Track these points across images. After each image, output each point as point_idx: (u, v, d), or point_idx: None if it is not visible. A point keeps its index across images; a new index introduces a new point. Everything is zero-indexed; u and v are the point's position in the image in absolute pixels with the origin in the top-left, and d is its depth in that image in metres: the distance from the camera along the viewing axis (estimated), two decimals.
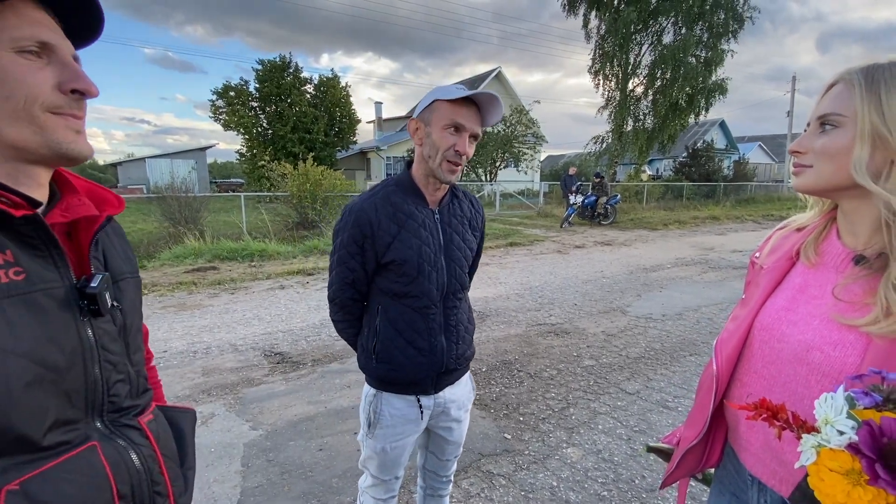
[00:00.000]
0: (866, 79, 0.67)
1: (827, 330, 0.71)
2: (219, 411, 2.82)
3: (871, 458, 0.47)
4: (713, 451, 0.94)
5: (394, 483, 1.37)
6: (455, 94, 1.10)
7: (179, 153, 28.38)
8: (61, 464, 0.56)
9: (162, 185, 10.30)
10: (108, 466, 0.61)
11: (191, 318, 4.58)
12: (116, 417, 0.65)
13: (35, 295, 0.56)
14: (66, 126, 0.59)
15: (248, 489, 2.14)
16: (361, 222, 1.18)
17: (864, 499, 0.46)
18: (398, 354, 1.23)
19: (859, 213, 0.72)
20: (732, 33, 15.91)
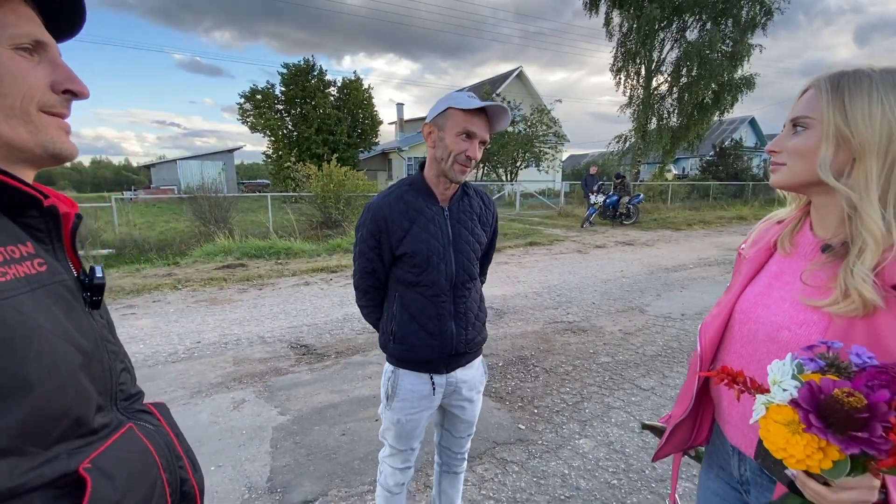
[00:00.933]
0: (832, 85, 0.75)
1: (795, 312, 0.79)
2: (249, 398, 3.00)
3: (807, 410, 0.56)
4: (702, 429, 1.02)
5: (409, 454, 1.49)
6: (469, 105, 1.21)
7: (208, 155, 29.31)
8: (114, 443, 0.59)
9: (193, 185, 10.74)
10: (148, 442, 0.64)
11: (222, 312, 4.82)
12: (127, 405, 0.67)
13: (56, 286, 0.57)
14: (58, 126, 0.59)
15: (277, 468, 2.29)
16: (377, 218, 1.32)
17: (800, 444, 0.55)
18: (412, 337, 1.36)
19: (828, 207, 0.79)
20: (761, 27, 15.48)
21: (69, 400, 0.53)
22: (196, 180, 11.23)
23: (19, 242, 0.54)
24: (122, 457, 0.58)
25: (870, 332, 0.69)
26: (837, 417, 0.53)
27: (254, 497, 2.09)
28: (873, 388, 0.54)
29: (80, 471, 0.52)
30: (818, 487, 0.60)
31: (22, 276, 0.52)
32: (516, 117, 19.42)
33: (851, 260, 0.72)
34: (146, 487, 0.60)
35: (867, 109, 0.71)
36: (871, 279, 0.69)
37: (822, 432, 0.54)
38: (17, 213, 0.56)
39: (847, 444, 0.52)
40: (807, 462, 0.54)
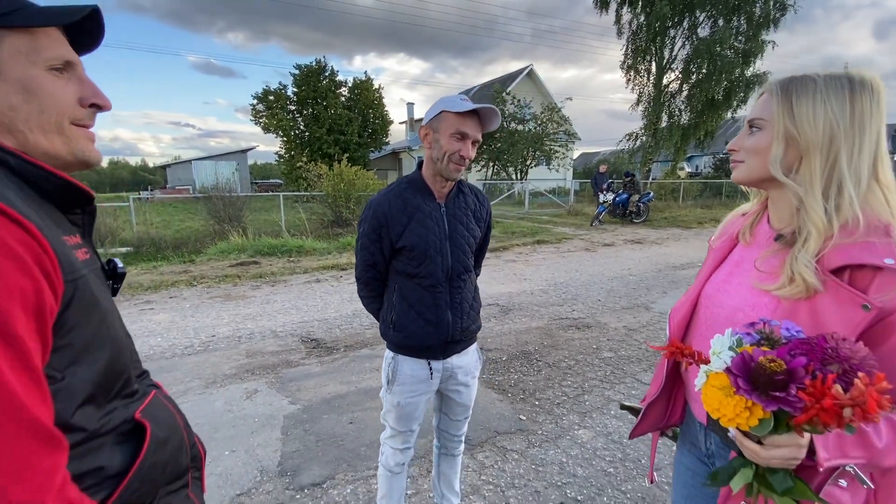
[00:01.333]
0: (782, 89, 0.82)
1: (750, 295, 0.87)
2: (261, 388, 3.14)
3: (737, 375, 0.64)
4: (675, 409, 1.10)
5: (409, 435, 1.59)
6: (461, 108, 1.30)
7: (222, 155, 29.82)
8: (151, 401, 0.71)
9: (208, 185, 10.99)
10: (170, 406, 0.77)
11: (235, 308, 4.98)
12: (143, 379, 0.77)
13: (98, 272, 0.68)
14: (85, 136, 0.67)
15: (287, 453, 2.41)
16: (378, 214, 1.42)
17: (730, 404, 0.64)
18: (411, 325, 1.46)
19: (782, 200, 0.87)
20: (773, 22, 15.26)
21: (125, 362, 0.66)
22: (210, 180, 11.50)
23: (73, 233, 0.65)
24: (159, 411, 0.72)
25: (812, 313, 0.77)
26: (762, 381, 0.61)
27: (265, 479, 2.21)
28: (794, 356, 0.62)
29: (136, 417, 0.66)
30: (753, 446, 0.68)
31: (84, 261, 0.63)
32: (526, 116, 19.42)
33: (797, 248, 0.80)
34: (178, 439, 0.73)
35: (812, 112, 0.78)
36: (813, 265, 0.77)
37: (748, 393, 0.62)
38: (68, 209, 0.66)
39: (767, 403, 0.60)
40: (736, 420, 0.63)
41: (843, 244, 0.76)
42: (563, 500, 2.06)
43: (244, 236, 8.53)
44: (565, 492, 2.11)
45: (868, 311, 0.71)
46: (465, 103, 1.31)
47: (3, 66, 0.58)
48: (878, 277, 0.72)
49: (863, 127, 0.78)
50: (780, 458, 0.67)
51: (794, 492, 0.68)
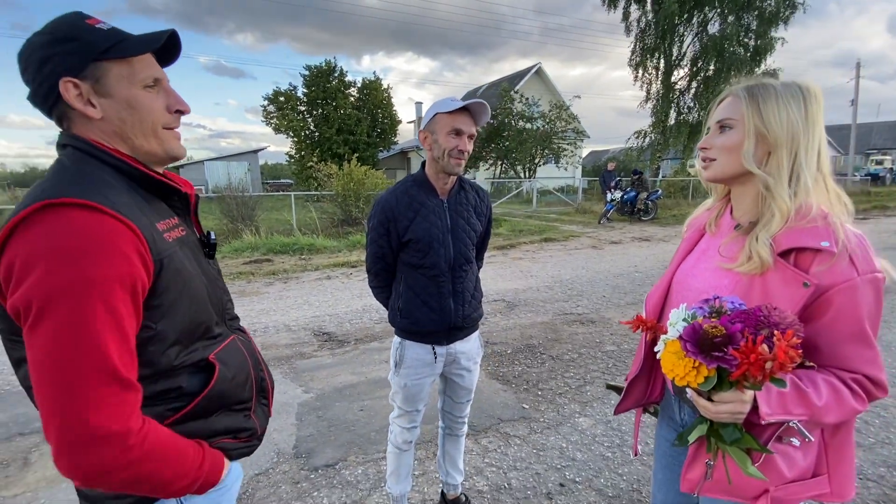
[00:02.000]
0: (748, 93, 0.93)
1: (713, 278, 0.98)
2: (276, 378, 3.29)
3: (686, 341, 0.76)
4: (656, 386, 1.21)
5: (416, 415, 1.72)
6: (452, 107, 1.43)
7: (234, 156, 30.24)
8: (226, 346, 0.90)
9: (221, 185, 11.24)
10: (244, 349, 0.96)
11: (250, 303, 5.16)
12: (232, 323, 0.99)
13: (192, 244, 0.88)
14: (174, 136, 0.86)
15: (302, 437, 2.56)
16: (386, 210, 1.56)
17: (681, 365, 0.76)
18: (416, 312, 1.59)
19: (745, 193, 0.98)
20: (784, 20, 15.13)
21: (203, 314, 0.85)
22: (223, 180, 11.75)
23: (170, 217, 0.84)
24: (231, 354, 0.91)
25: (763, 287, 0.88)
26: (705, 344, 0.73)
27: (282, 461, 2.36)
28: (733, 322, 0.74)
29: (210, 358, 0.85)
30: (705, 402, 0.80)
31: (175, 239, 0.81)
32: (534, 114, 19.44)
33: (758, 230, 0.91)
34: (244, 376, 0.93)
35: (777, 112, 0.89)
36: (770, 243, 0.88)
37: (694, 355, 0.74)
38: (167, 198, 0.87)
39: (710, 361, 0.72)
40: (686, 378, 0.75)
41: (792, 229, 0.87)
42: (562, 482, 2.17)
43: (257, 235, 8.74)
44: (564, 474, 2.23)
45: (807, 287, 0.82)
46: (455, 103, 1.43)
47: (112, 89, 0.76)
48: (817, 258, 0.84)
49: (814, 127, 0.90)
50: (726, 411, 0.79)
51: (741, 442, 0.80)
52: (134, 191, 0.79)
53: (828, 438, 0.93)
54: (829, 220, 0.87)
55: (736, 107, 0.94)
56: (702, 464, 0.96)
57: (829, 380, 0.84)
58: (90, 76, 0.74)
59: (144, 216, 0.75)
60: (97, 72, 0.75)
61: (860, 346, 0.84)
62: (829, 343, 0.84)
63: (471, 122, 1.48)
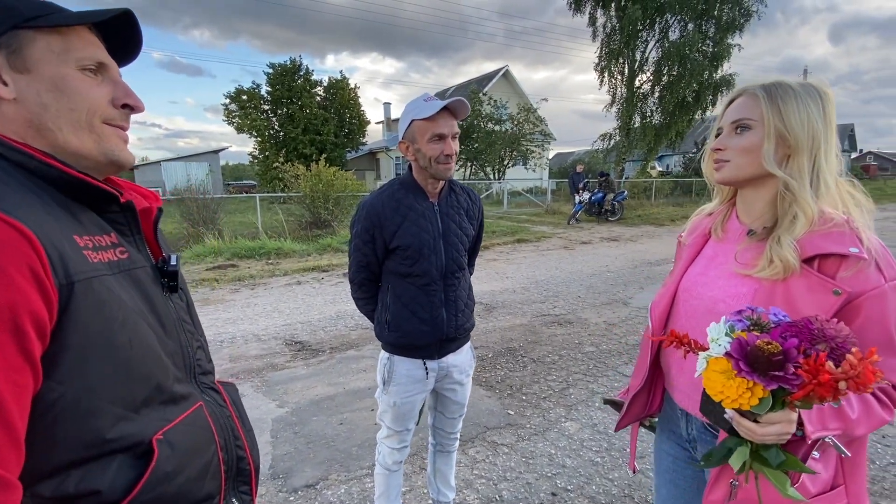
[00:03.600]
0: (767, 92, 0.89)
1: (729, 286, 0.94)
2: (247, 392, 3.10)
3: (737, 359, 0.70)
4: (655, 399, 1.16)
5: (405, 434, 1.61)
6: (427, 113, 1.32)
7: (193, 156, 28.99)
8: (186, 419, 0.67)
9: (180, 187, 10.67)
10: (212, 422, 0.72)
11: (215, 312, 4.88)
12: (203, 379, 0.75)
13: (137, 272, 0.66)
14: (117, 136, 0.67)
15: (278, 456, 2.40)
16: (371, 215, 1.44)
17: (733, 386, 0.69)
18: (406, 324, 1.48)
19: (757, 196, 0.94)
20: (738, 28, 15.90)
21: (149, 367, 0.62)
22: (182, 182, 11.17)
23: (104, 233, 0.64)
24: (189, 432, 0.67)
25: (786, 294, 0.84)
26: (760, 362, 0.67)
27: (258, 483, 2.19)
28: (786, 338, 0.68)
29: (152, 441, 0.61)
30: (750, 424, 0.74)
31: (105, 262, 0.61)
32: (503, 116, 19.60)
33: (779, 233, 0.87)
34: (203, 462, 0.69)
35: (797, 114, 0.86)
36: (795, 246, 0.84)
37: (749, 374, 0.68)
38: (102, 209, 0.66)
39: (768, 382, 0.66)
40: (739, 401, 0.68)
41: (814, 233, 0.84)
42: (553, 491, 2.12)
43: (220, 239, 8.34)
44: (555, 482, 2.17)
45: (838, 295, 0.79)
46: (431, 104, 1.33)
47: (35, 64, 0.60)
48: (843, 264, 0.80)
49: (831, 128, 0.88)
50: (774, 433, 0.73)
51: (786, 464, 0.74)
52: (44, 194, 0.58)
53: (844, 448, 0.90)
54: (853, 225, 0.84)
55: (754, 107, 0.90)
56: (725, 484, 0.91)
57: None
58: (4, 44, 0.58)
59: (54, 223, 0.56)
60: (16, 41, 0.59)
61: (888, 355, 0.81)
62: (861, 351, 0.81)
63: (451, 120, 1.37)
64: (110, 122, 0.66)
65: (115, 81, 0.67)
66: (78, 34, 0.63)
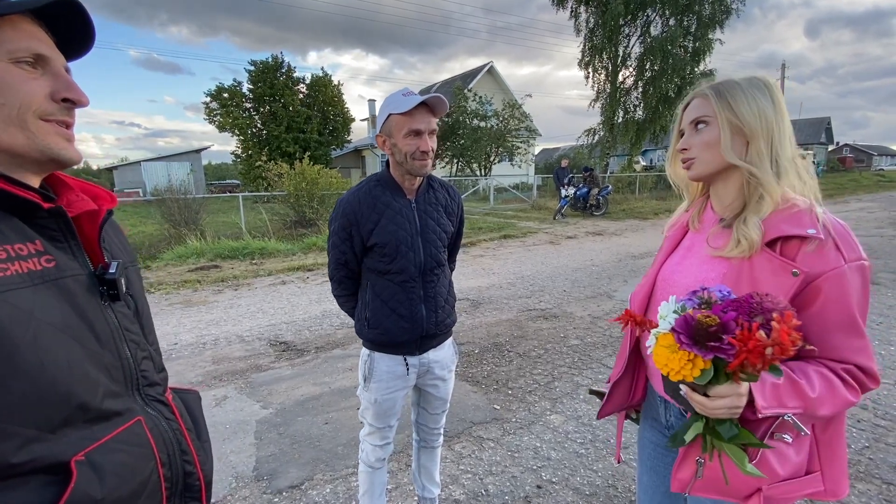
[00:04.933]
0: (715, 91, 0.94)
1: (701, 272, 0.97)
2: (231, 394, 3.06)
3: (679, 332, 0.72)
4: (638, 388, 1.18)
5: (388, 431, 1.61)
6: (404, 107, 1.30)
7: (174, 156, 28.41)
8: (116, 436, 0.63)
9: (161, 187, 10.47)
10: (151, 438, 0.68)
11: (198, 314, 4.80)
12: (149, 391, 0.72)
13: (66, 281, 0.62)
14: (56, 132, 0.62)
15: (263, 458, 2.37)
16: (347, 213, 1.43)
17: (675, 358, 0.72)
18: (385, 321, 1.47)
19: (725, 187, 0.97)
20: (719, 23, 16.13)
21: (69, 386, 0.57)
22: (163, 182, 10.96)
23: (28, 241, 0.59)
24: (118, 450, 0.62)
25: (751, 276, 0.87)
26: (700, 335, 0.70)
27: (241, 485, 2.17)
28: (726, 311, 0.72)
29: (71, 463, 0.56)
30: (700, 398, 0.77)
31: (25, 272, 0.57)
32: (488, 112, 19.61)
33: (747, 214, 0.91)
34: (137, 482, 0.64)
35: (747, 105, 0.90)
36: (760, 225, 0.88)
37: (689, 346, 0.71)
38: (29, 215, 0.61)
39: (706, 352, 0.69)
40: (682, 372, 0.71)
41: (776, 215, 0.87)
42: (539, 483, 2.13)
43: (202, 240, 8.20)
44: (541, 475, 2.19)
45: (797, 276, 0.81)
46: (409, 99, 1.31)
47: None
48: (803, 246, 0.83)
49: (782, 114, 0.92)
50: (724, 406, 0.76)
51: (739, 437, 0.78)
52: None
53: (819, 434, 0.92)
54: (811, 207, 0.87)
55: (706, 105, 0.94)
56: (692, 462, 0.93)
57: (821, 371, 0.83)
58: None
59: None
60: None
61: (850, 336, 0.83)
62: (819, 333, 0.83)
63: (429, 116, 1.36)
64: (47, 117, 0.61)
65: (57, 75, 0.63)
66: (12, 25, 0.59)
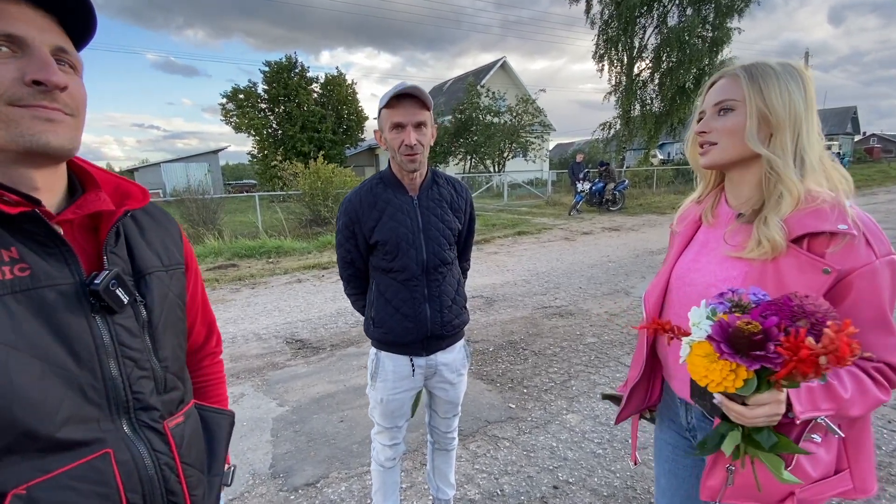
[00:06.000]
0: (748, 73, 0.88)
1: (720, 270, 0.92)
2: (248, 391, 3.09)
3: (718, 341, 0.68)
4: (654, 390, 1.15)
5: (396, 431, 1.60)
6: (385, 100, 1.30)
7: (193, 157, 28.99)
8: (70, 471, 0.55)
9: (180, 188, 10.68)
10: (118, 476, 0.59)
11: (216, 311, 4.81)
12: (141, 416, 0.64)
13: (41, 291, 0.56)
14: (33, 116, 0.55)
15: (279, 455, 2.39)
16: (349, 211, 1.43)
17: (716, 369, 0.68)
18: (389, 320, 1.46)
19: (743, 179, 0.93)
20: (738, 12, 15.68)
21: (13, 412, 0.51)
22: (182, 183, 11.17)
23: (2, 248, 0.55)
24: (67, 487, 0.55)
25: (777, 275, 0.83)
26: (742, 343, 0.66)
27: (258, 482, 2.19)
28: (766, 316, 0.67)
29: (7, 495, 0.51)
30: (739, 408, 0.73)
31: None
32: (501, 108, 19.46)
33: (767, 213, 0.86)
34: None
35: (779, 93, 0.85)
36: (782, 225, 0.83)
37: (731, 356, 0.66)
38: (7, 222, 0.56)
39: (751, 362, 0.65)
40: (724, 384, 0.67)
41: (801, 212, 0.82)
42: (555, 484, 2.10)
43: (220, 239, 8.34)
44: (557, 475, 2.16)
45: (828, 274, 0.77)
46: (389, 91, 1.30)
47: None
48: (832, 242, 0.79)
49: (812, 108, 0.87)
50: (764, 415, 0.72)
51: (778, 446, 0.73)
52: None
53: (846, 431, 0.88)
54: (838, 202, 0.82)
55: (735, 88, 0.89)
56: (722, 469, 0.89)
57: (852, 370, 0.80)
58: None
59: None
60: None
61: (882, 333, 0.80)
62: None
63: (413, 108, 1.30)
64: (18, 102, 0.54)
65: (31, 57, 0.55)
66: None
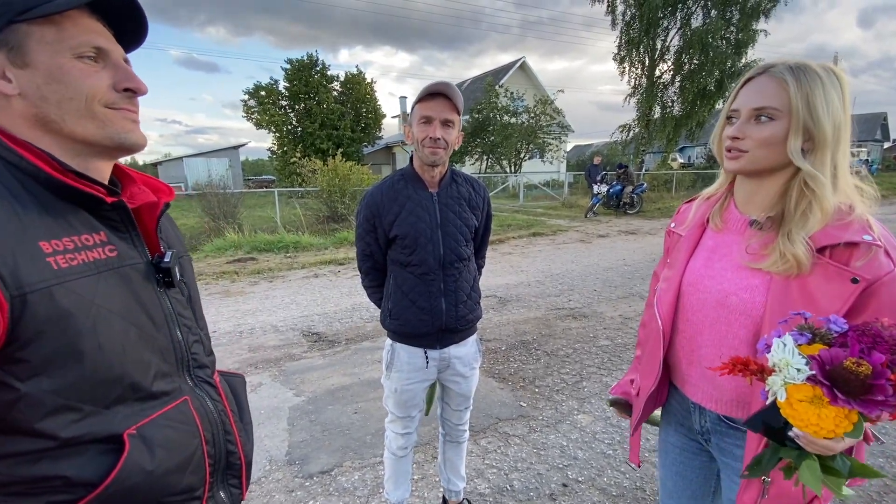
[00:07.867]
0: (797, 79, 0.81)
1: (739, 279, 0.92)
2: (265, 381, 3.18)
3: (828, 385, 0.61)
4: (661, 394, 1.14)
5: (409, 421, 1.65)
6: (420, 95, 1.38)
7: (214, 152, 29.53)
8: (164, 413, 0.68)
9: (201, 183, 10.94)
10: (197, 417, 0.73)
11: (235, 304, 5.00)
12: (198, 373, 0.77)
13: (126, 269, 0.67)
14: (124, 117, 0.67)
15: (295, 443, 2.47)
16: (371, 205, 1.49)
17: (828, 416, 0.61)
18: (406, 312, 1.51)
19: (762, 187, 0.91)
20: (764, 13, 15.33)
21: (124, 368, 0.63)
22: (203, 177, 11.43)
23: (94, 231, 0.65)
24: (167, 426, 0.68)
25: (802, 286, 0.82)
26: (854, 386, 0.60)
27: (274, 468, 2.26)
28: (865, 351, 0.61)
29: (124, 435, 0.62)
30: (826, 442, 0.66)
31: (91, 261, 0.62)
32: (519, 108, 19.40)
33: (791, 227, 0.84)
34: (183, 457, 0.69)
35: (825, 106, 0.81)
36: (807, 242, 0.82)
37: (847, 403, 0.60)
38: (95, 208, 0.66)
39: (870, 409, 0.59)
40: (836, 430, 0.61)
41: (825, 225, 0.82)
42: (564, 482, 2.13)
43: (240, 233, 8.52)
44: (566, 473, 2.18)
45: (857, 283, 0.77)
46: (425, 87, 1.37)
47: (31, 57, 0.60)
48: (855, 252, 0.79)
49: (848, 119, 0.84)
50: (846, 447, 0.69)
51: (854, 471, 0.70)
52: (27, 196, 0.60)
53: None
54: (860, 213, 0.82)
55: (780, 95, 0.82)
56: (758, 482, 0.89)
57: None
58: (4, 42, 0.59)
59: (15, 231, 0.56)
60: (14, 36, 0.59)
61: None
62: None
63: (444, 107, 1.37)
64: (112, 105, 0.66)
65: (117, 66, 0.67)
66: (73, 21, 0.62)
